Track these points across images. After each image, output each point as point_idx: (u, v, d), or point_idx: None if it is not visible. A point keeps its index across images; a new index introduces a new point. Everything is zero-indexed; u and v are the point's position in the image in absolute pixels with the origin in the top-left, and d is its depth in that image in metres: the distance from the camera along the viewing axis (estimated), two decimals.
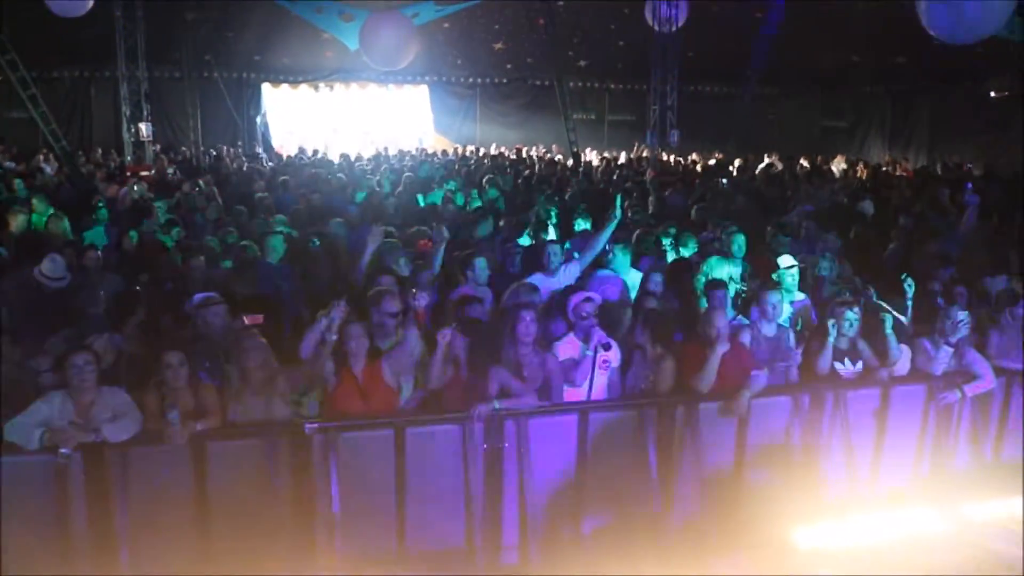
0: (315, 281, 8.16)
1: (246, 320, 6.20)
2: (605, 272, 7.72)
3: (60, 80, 23.05)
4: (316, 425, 5.32)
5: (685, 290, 7.52)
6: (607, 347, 5.90)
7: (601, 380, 6.06)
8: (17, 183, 13.57)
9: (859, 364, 6.37)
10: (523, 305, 6.12)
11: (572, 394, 6.06)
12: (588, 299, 6.15)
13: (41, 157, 18.75)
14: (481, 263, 7.34)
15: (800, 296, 7.39)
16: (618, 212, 7.76)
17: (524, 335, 5.87)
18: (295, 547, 5.34)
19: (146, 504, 5.17)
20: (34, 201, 11.20)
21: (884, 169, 21.00)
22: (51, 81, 22.44)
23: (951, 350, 6.40)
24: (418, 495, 5.57)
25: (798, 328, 6.88)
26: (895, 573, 5.48)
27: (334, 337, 5.47)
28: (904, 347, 6.49)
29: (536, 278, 7.33)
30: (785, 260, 7.78)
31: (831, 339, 6.22)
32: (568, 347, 6.11)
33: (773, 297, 6.49)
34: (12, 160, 18.42)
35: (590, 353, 5.93)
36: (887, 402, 6.39)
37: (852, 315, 6.28)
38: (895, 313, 6.56)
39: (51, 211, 10.55)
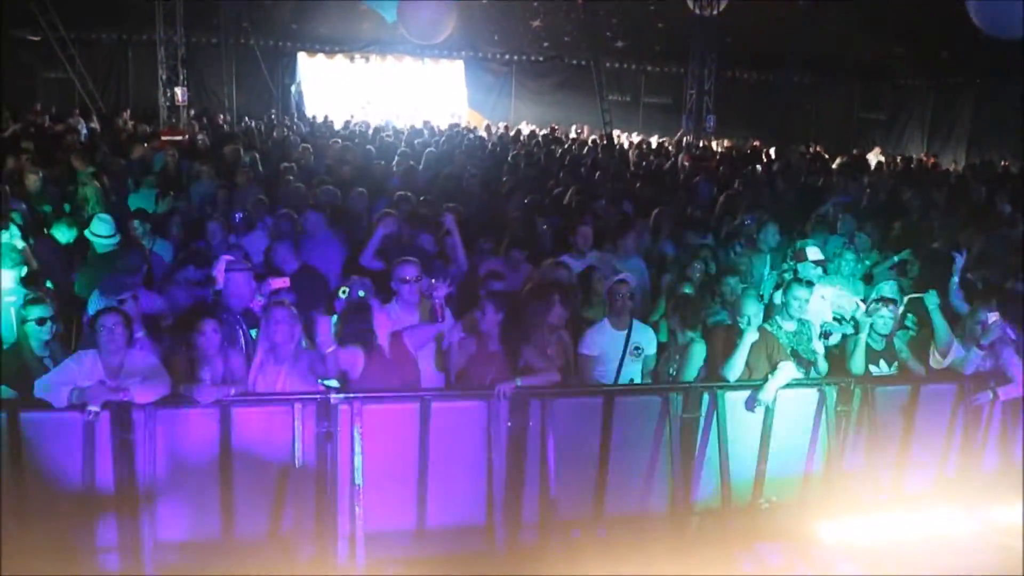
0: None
1: (272, 283, 6.21)
2: (632, 257, 7.73)
3: (98, 42, 23.18)
4: (342, 396, 5.33)
5: None
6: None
7: (634, 367, 6.03)
8: None
9: (894, 366, 6.27)
10: (555, 289, 6.08)
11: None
12: (623, 282, 6.10)
13: (79, 117, 18.84)
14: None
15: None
16: None
17: (556, 320, 5.86)
18: (316, 516, 5.36)
19: (170, 465, 5.20)
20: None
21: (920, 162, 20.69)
22: (89, 43, 22.59)
23: (981, 353, 6.28)
24: (440, 470, 5.57)
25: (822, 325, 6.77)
26: (919, 572, 5.43)
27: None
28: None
29: (564, 259, 7.34)
30: (812, 253, 7.66)
31: (863, 337, 6.13)
32: (600, 335, 6.08)
33: (799, 292, 6.40)
34: (50, 120, 18.53)
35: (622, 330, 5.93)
36: (916, 400, 6.30)
37: (888, 313, 6.16)
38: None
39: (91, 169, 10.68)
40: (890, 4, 20.39)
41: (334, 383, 5.63)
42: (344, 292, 5.97)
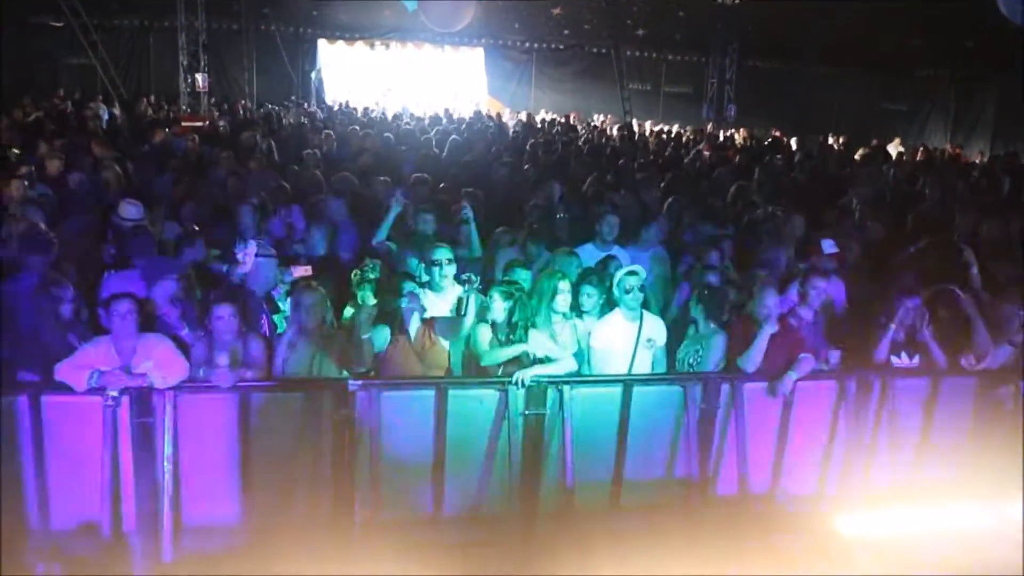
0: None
1: (295, 271, 6.23)
2: (655, 248, 7.70)
3: (120, 28, 23.32)
4: (360, 382, 5.33)
5: None
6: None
7: (645, 357, 6.01)
8: None
9: (916, 359, 6.22)
10: (555, 275, 6.08)
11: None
12: (633, 273, 6.07)
13: (101, 103, 18.94)
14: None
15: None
16: None
17: (560, 306, 5.85)
18: (334, 502, 5.39)
19: (190, 450, 5.23)
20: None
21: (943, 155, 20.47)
22: (111, 29, 22.72)
23: (1011, 349, 6.22)
24: (457, 458, 5.58)
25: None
26: (936, 566, 5.40)
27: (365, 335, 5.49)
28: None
29: (587, 248, 7.31)
30: (827, 245, 7.63)
31: (891, 330, 6.09)
32: (611, 326, 6.04)
33: (818, 282, 6.36)
34: (74, 105, 18.62)
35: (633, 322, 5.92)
36: (936, 393, 6.25)
37: (909, 304, 6.11)
38: None
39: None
40: None
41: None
42: (356, 275, 6.02)
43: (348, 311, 6.06)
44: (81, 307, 5.80)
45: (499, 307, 5.62)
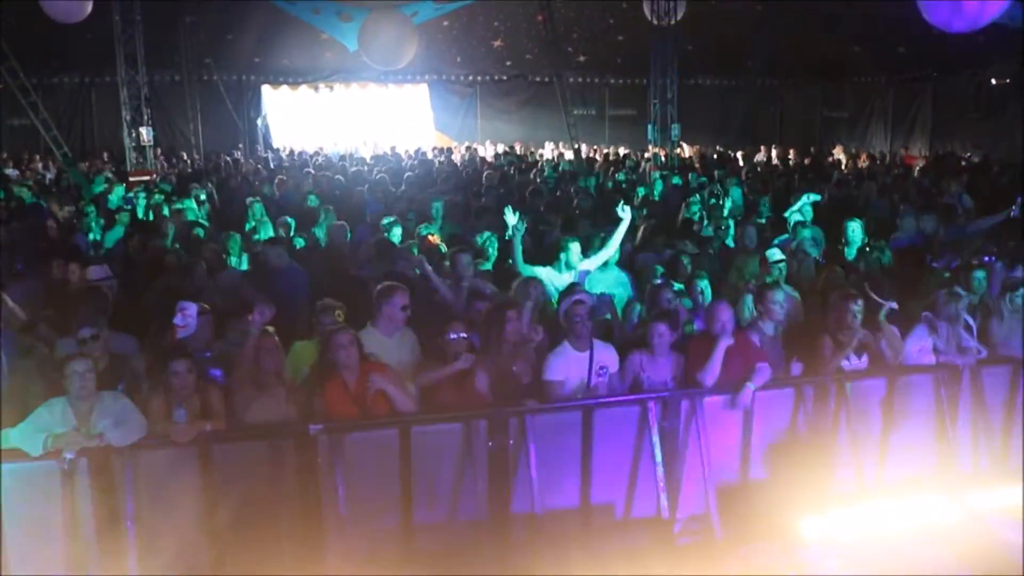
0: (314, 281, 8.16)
1: (257, 316, 6.18)
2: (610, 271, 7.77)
3: (60, 86, 23.12)
4: (320, 426, 5.30)
5: None
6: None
7: (599, 384, 6.01)
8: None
9: (864, 358, 6.33)
10: (508, 305, 6.08)
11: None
12: (579, 302, 6.05)
13: (40, 164, 18.75)
14: (465, 259, 7.29)
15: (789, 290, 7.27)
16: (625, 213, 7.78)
17: (514, 337, 5.86)
18: (303, 549, 5.34)
19: (153, 507, 5.17)
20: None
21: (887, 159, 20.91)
22: (51, 87, 22.51)
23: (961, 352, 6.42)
24: (424, 495, 5.56)
25: None
26: (904, 562, 5.47)
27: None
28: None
29: (546, 271, 7.34)
30: (773, 254, 7.76)
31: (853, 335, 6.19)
32: (561, 357, 6.01)
33: (777, 295, 6.44)
34: (14, 167, 18.42)
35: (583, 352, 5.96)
36: (893, 391, 6.36)
37: (856, 308, 6.22)
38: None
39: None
40: (846, 4, 20.62)
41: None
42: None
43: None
44: None
45: None
